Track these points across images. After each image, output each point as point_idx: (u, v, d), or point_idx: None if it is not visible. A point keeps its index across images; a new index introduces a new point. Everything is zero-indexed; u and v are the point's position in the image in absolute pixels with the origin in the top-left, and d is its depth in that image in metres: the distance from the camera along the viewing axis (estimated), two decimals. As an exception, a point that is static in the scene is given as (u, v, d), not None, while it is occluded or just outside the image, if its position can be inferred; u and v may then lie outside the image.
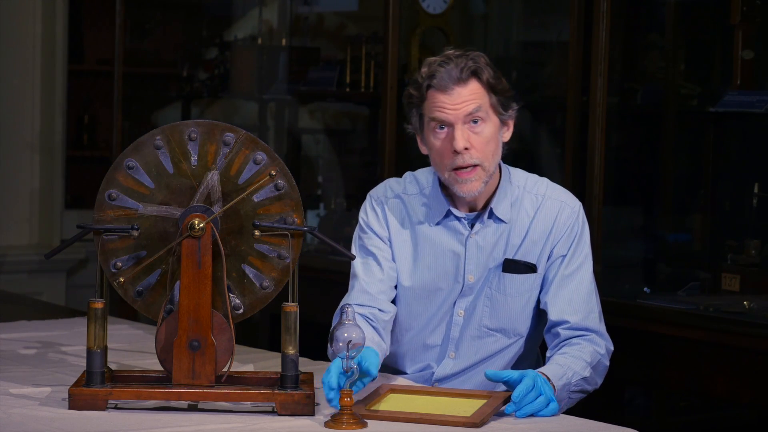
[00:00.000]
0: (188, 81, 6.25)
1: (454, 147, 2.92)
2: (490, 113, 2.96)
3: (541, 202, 3.06)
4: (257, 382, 2.76)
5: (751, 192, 4.21)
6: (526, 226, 3.05)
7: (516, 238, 3.04)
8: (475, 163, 2.94)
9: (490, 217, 3.04)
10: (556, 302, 3.01)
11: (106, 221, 2.75)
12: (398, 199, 3.12)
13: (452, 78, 2.92)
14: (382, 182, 3.19)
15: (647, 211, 5.00)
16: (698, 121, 4.70)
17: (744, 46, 4.01)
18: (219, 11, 6.58)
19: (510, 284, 3.04)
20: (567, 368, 2.87)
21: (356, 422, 2.56)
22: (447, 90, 2.92)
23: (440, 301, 3.08)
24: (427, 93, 2.95)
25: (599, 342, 3.00)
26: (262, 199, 2.74)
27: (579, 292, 3.02)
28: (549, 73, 5.57)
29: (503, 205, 3.04)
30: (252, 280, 2.76)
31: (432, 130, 2.97)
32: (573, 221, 3.05)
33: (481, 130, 2.94)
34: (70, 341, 3.45)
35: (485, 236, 3.05)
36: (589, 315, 3.02)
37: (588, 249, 3.07)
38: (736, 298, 3.90)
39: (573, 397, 2.92)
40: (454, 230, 3.06)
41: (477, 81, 2.94)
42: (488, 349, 3.07)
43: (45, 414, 2.63)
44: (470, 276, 3.05)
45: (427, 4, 5.13)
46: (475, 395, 2.76)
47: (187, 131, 2.74)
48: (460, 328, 3.07)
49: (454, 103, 2.92)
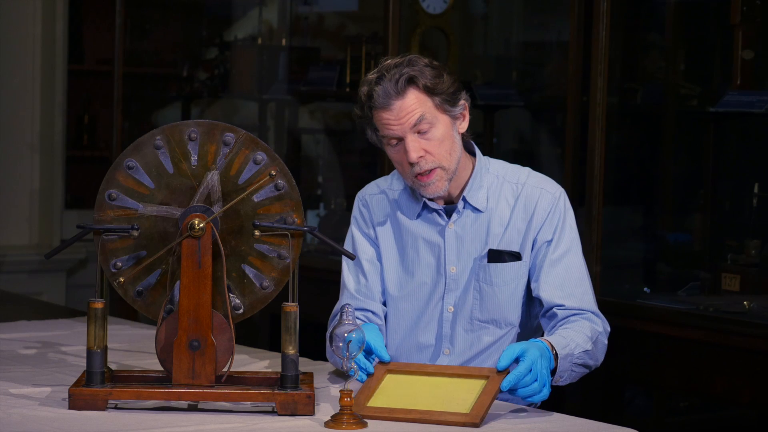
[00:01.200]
0: (188, 81, 6.25)
1: (408, 159, 2.96)
2: (437, 115, 2.98)
3: (521, 190, 3.08)
4: (257, 382, 2.76)
5: (751, 192, 4.21)
6: (508, 215, 3.07)
7: (497, 227, 3.06)
8: (432, 167, 2.98)
9: (467, 207, 3.07)
10: (547, 288, 3.03)
11: (106, 221, 2.75)
12: (383, 194, 3.17)
13: (389, 94, 2.94)
14: (373, 181, 3.22)
15: (647, 211, 5.00)
16: (698, 121, 4.70)
17: (744, 46, 4.01)
18: (219, 11, 6.58)
19: (496, 274, 3.05)
20: (570, 339, 2.89)
21: (356, 422, 2.57)
22: (387, 107, 2.95)
23: (426, 297, 3.09)
24: (371, 113, 2.99)
25: (597, 321, 3.02)
26: (262, 199, 2.75)
27: (569, 276, 3.03)
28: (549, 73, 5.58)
29: (479, 194, 3.07)
30: (252, 280, 2.76)
31: (387, 145, 3.01)
32: (553, 206, 3.06)
33: (432, 135, 2.97)
34: (70, 341, 3.45)
35: (463, 226, 3.07)
36: (583, 297, 3.03)
37: (575, 234, 3.08)
38: (736, 298, 3.91)
39: (576, 370, 2.92)
40: (433, 222, 3.09)
41: (415, 89, 2.96)
42: (482, 342, 3.07)
43: (45, 414, 2.63)
44: (452, 267, 3.07)
45: (427, 4, 5.14)
46: (473, 375, 2.75)
47: (187, 131, 2.74)
48: (450, 323, 3.08)
49: (397, 118, 2.95)
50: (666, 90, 4.89)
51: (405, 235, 3.12)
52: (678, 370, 3.79)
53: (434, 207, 3.08)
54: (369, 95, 2.97)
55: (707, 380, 3.70)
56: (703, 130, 4.54)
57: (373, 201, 3.16)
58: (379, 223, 3.14)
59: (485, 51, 5.89)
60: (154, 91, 6.44)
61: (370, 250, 3.14)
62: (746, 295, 3.92)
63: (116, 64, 5.92)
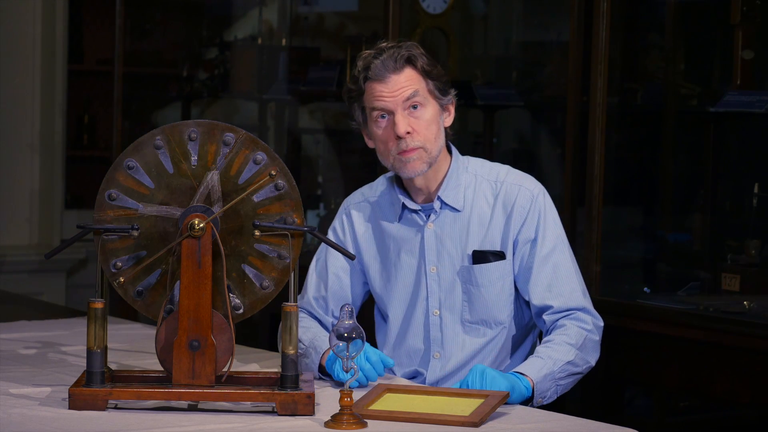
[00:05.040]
0: (188, 81, 6.25)
1: (396, 132, 2.98)
2: (428, 98, 3.02)
3: (500, 188, 3.09)
4: (257, 382, 2.76)
5: (751, 192, 4.21)
6: (488, 214, 3.07)
7: (478, 227, 3.07)
8: (416, 146, 2.99)
9: (444, 207, 3.08)
10: (536, 289, 3.04)
11: (106, 221, 2.75)
12: (366, 202, 3.19)
13: (387, 67, 2.99)
14: (359, 188, 3.23)
15: (647, 211, 5.00)
16: (698, 121, 4.70)
17: (744, 46, 4.01)
18: (219, 11, 6.58)
19: (481, 275, 3.05)
20: (547, 358, 2.91)
21: (356, 422, 2.56)
22: (383, 79, 2.99)
23: (410, 300, 3.10)
24: (365, 85, 3.02)
25: (585, 318, 3.02)
26: (262, 199, 2.75)
27: (557, 274, 3.04)
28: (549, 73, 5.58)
29: (454, 194, 3.08)
30: (252, 280, 2.76)
31: (374, 121, 3.03)
32: (531, 204, 3.06)
33: (421, 114, 3.00)
34: (70, 341, 3.45)
35: (442, 226, 3.08)
36: (571, 295, 3.03)
37: (559, 230, 3.09)
38: (736, 298, 3.91)
39: (563, 383, 2.93)
40: (413, 223, 3.11)
41: (412, 68, 3.01)
42: (474, 343, 3.08)
43: (45, 414, 2.63)
44: (432, 267, 3.07)
45: (427, 4, 5.14)
46: (472, 395, 2.76)
47: (187, 131, 2.74)
48: (439, 327, 3.08)
49: (391, 91, 2.99)
50: (666, 90, 4.89)
51: (387, 239, 3.13)
52: (678, 370, 3.79)
53: (413, 207, 3.09)
54: (366, 67, 3.01)
55: (707, 380, 3.70)
56: (703, 130, 4.53)
57: (356, 211, 3.18)
58: (361, 233, 3.16)
59: (485, 51, 5.89)
60: (154, 91, 6.44)
61: (341, 261, 3.15)
62: (746, 295, 3.92)
63: (116, 64, 5.91)
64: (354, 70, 3.06)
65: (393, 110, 2.99)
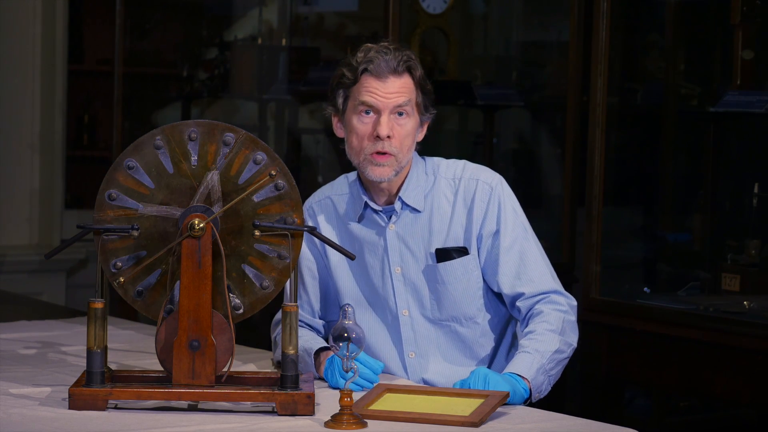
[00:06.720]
0: (188, 81, 6.25)
1: (378, 132, 2.97)
2: (414, 110, 3.02)
3: (458, 184, 3.09)
4: (257, 382, 2.76)
5: (751, 192, 4.21)
6: (449, 212, 3.08)
7: (440, 225, 3.07)
8: (392, 152, 2.99)
9: (405, 208, 3.08)
10: (505, 279, 3.04)
11: (106, 221, 2.75)
12: (328, 200, 3.17)
13: (389, 67, 2.99)
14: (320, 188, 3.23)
15: (647, 211, 5.00)
16: (698, 121, 4.70)
17: (744, 46, 4.02)
18: (219, 11, 6.58)
19: (446, 272, 3.05)
20: (534, 352, 2.91)
21: (356, 422, 2.56)
22: (382, 77, 2.99)
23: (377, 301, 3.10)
24: (361, 76, 3.01)
25: (559, 300, 3.02)
26: (262, 199, 2.74)
27: (524, 261, 3.04)
28: (549, 73, 5.58)
29: (414, 194, 3.07)
30: (252, 280, 2.76)
31: (357, 113, 3.02)
32: (489, 195, 3.06)
33: (404, 123, 3.00)
34: (70, 341, 3.45)
35: (404, 226, 3.08)
36: (541, 279, 3.04)
37: (522, 218, 3.08)
38: (736, 298, 3.91)
39: (554, 373, 2.94)
40: (375, 224, 3.10)
41: (410, 76, 3.01)
42: (446, 338, 3.08)
43: (45, 414, 2.63)
44: (396, 268, 3.07)
45: (427, 4, 5.14)
46: (472, 395, 2.76)
47: (187, 131, 2.74)
48: (410, 326, 3.08)
49: (386, 92, 2.99)
50: (666, 90, 4.90)
51: (351, 239, 3.12)
52: (678, 370, 3.79)
53: (375, 208, 3.08)
54: (368, 60, 3.00)
55: (707, 380, 3.70)
56: (703, 130, 4.54)
57: (319, 208, 3.17)
58: (326, 230, 3.14)
59: (485, 51, 5.89)
60: (154, 91, 6.45)
61: (312, 261, 3.14)
62: (746, 295, 3.92)
63: (116, 64, 5.92)
64: (353, 58, 3.05)
65: (381, 110, 2.98)
